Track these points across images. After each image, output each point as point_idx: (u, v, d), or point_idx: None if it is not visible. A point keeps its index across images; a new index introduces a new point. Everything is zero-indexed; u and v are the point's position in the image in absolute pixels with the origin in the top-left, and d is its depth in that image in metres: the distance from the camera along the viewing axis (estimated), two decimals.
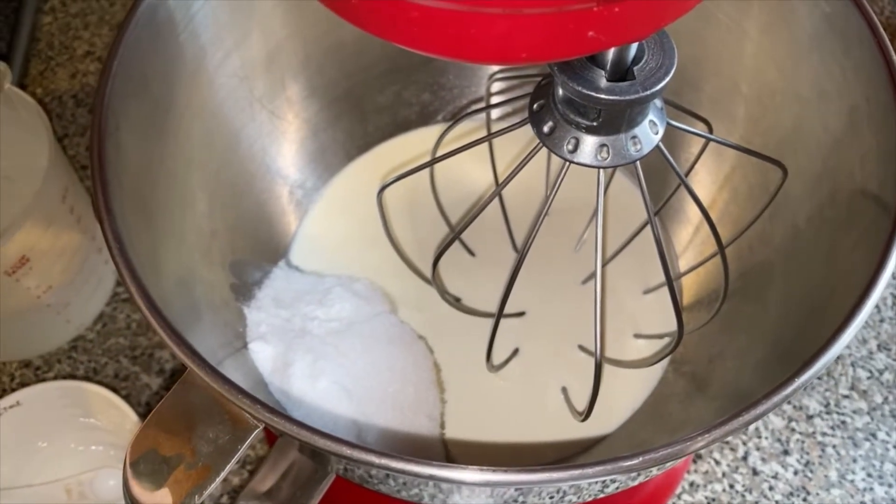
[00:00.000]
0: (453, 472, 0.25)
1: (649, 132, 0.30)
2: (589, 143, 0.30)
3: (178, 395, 0.29)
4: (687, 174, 0.43)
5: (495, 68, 0.47)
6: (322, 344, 0.41)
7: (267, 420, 0.26)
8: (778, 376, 0.28)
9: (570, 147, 0.30)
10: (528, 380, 0.44)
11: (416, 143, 0.51)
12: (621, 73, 0.28)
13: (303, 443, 0.26)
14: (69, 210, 0.47)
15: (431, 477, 0.25)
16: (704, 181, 0.45)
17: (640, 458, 0.25)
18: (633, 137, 0.30)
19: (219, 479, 0.27)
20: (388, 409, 0.40)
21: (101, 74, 0.33)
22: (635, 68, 0.28)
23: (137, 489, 0.27)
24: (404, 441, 0.40)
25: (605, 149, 0.30)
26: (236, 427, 0.28)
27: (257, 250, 0.46)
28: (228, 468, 0.27)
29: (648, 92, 0.27)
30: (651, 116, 0.30)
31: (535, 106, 0.31)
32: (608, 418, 0.42)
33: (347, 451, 0.25)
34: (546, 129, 0.30)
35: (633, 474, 0.29)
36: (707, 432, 0.26)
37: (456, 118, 0.42)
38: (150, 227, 0.35)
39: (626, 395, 0.43)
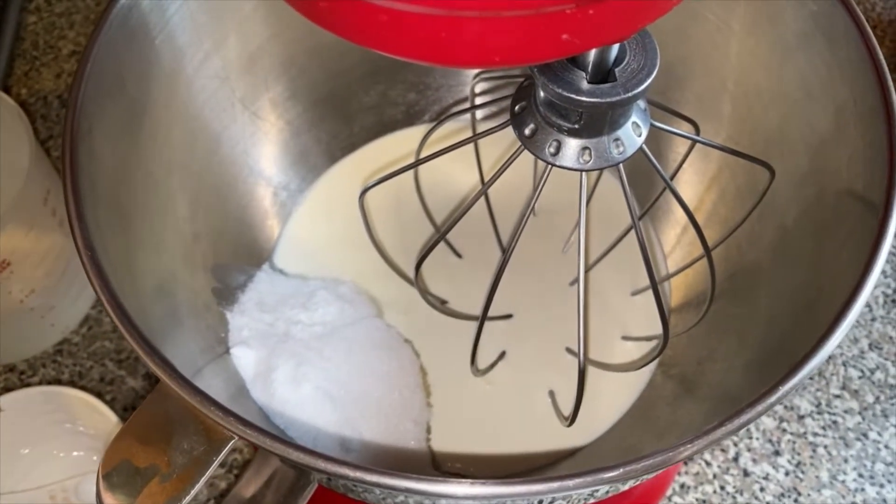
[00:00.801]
0: (432, 485, 0.25)
1: (632, 134, 0.30)
2: (571, 145, 0.29)
3: (153, 404, 0.28)
4: (673, 175, 0.42)
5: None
6: (306, 348, 0.40)
7: (240, 433, 0.25)
8: (767, 378, 0.28)
9: (552, 150, 0.29)
10: (515, 384, 0.43)
11: (401, 143, 0.50)
12: (603, 74, 0.27)
13: (279, 456, 0.25)
14: (51, 213, 0.47)
15: (408, 490, 0.24)
16: (692, 181, 0.44)
17: (621, 470, 0.24)
18: (616, 140, 0.29)
19: (194, 491, 0.27)
20: (373, 414, 0.39)
21: (74, 77, 0.32)
22: (617, 70, 0.27)
23: (110, 501, 0.26)
24: (389, 448, 0.39)
25: (587, 151, 0.29)
26: (211, 438, 0.27)
27: (240, 253, 0.45)
28: (204, 480, 0.27)
29: (630, 94, 0.27)
30: (634, 118, 0.30)
31: (516, 108, 0.31)
32: (596, 423, 0.42)
33: (322, 465, 0.24)
34: (528, 131, 0.30)
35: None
36: (690, 442, 0.25)
37: (439, 119, 0.41)
38: (127, 233, 0.34)
39: (614, 398, 0.42)
